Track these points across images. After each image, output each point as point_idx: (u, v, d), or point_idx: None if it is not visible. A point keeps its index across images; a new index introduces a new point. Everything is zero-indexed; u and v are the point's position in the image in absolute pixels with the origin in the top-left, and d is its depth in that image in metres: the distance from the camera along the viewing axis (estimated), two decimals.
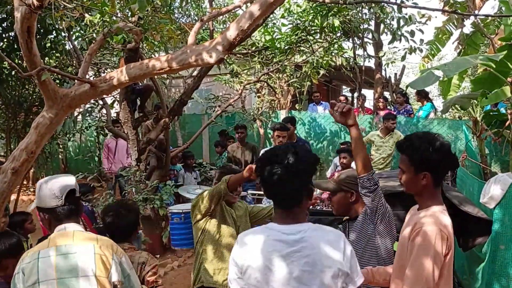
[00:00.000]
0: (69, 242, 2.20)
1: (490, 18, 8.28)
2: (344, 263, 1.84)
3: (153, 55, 9.01)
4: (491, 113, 6.47)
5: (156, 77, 7.24)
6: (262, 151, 6.39)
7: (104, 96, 8.59)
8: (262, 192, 6.59)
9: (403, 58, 8.45)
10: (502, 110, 6.93)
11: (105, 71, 8.60)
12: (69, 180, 2.36)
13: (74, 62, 7.69)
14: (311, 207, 5.18)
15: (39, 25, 6.72)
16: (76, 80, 3.19)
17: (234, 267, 1.94)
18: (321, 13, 8.41)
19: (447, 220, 2.19)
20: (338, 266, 1.83)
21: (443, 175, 2.36)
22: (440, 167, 2.27)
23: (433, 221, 2.15)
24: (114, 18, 4.23)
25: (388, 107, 10.84)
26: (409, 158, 2.29)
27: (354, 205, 2.99)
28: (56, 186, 2.30)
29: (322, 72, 10.41)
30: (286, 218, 1.92)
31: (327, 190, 3.03)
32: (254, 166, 3.06)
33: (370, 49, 11.84)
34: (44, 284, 2.10)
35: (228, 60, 9.68)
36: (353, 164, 6.89)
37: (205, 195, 3.44)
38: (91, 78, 3.16)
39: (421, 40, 8.10)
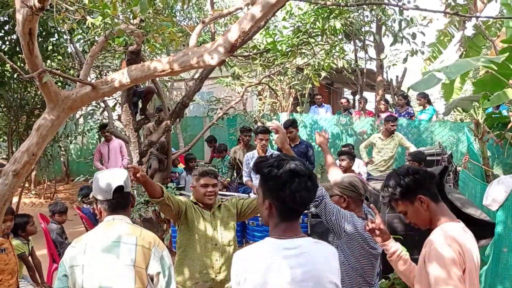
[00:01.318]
0: (114, 232, 2.40)
1: (491, 20, 8.27)
2: (338, 280, 1.86)
3: (154, 58, 9.02)
4: (493, 115, 6.46)
5: (157, 79, 7.24)
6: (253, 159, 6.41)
7: (106, 98, 8.61)
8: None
9: (405, 60, 8.45)
10: (504, 112, 6.93)
11: (107, 73, 8.61)
12: (118, 178, 2.51)
13: (76, 64, 7.71)
14: (312, 209, 5.21)
15: (41, 28, 6.74)
16: (77, 82, 3.19)
17: (235, 285, 1.88)
18: (322, 15, 8.41)
19: (454, 232, 2.17)
20: (335, 281, 1.84)
21: (432, 187, 2.35)
22: (424, 183, 2.31)
23: (440, 237, 2.15)
24: (116, 20, 4.23)
25: (390, 109, 10.83)
26: (398, 198, 2.33)
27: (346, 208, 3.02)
28: (104, 182, 2.49)
29: (323, 74, 10.41)
30: (286, 231, 1.85)
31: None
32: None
33: (372, 52, 11.86)
34: (88, 269, 2.32)
35: (229, 63, 9.69)
36: (354, 167, 6.90)
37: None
38: (93, 81, 3.16)
39: (423, 43, 8.09)
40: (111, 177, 2.51)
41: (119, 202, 2.50)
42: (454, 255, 2.05)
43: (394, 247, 2.49)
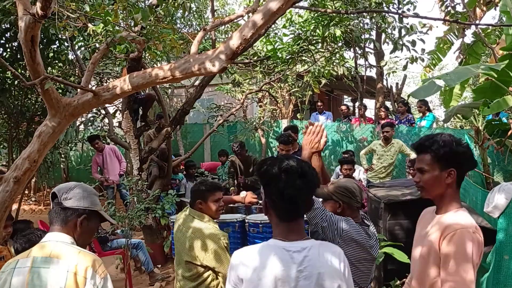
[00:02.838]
0: (47, 255, 2.04)
1: (491, 27, 8.30)
2: (344, 283, 1.84)
3: (155, 65, 9.04)
4: (493, 123, 6.46)
5: (158, 86, 7.25)
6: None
7: (107, 105, 8.62)
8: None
9: (405, 67, 8.47)
10: (504, 119, 6.93)
11: (108, 80, 8.63)
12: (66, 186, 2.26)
13: (77, 71, 7.72)
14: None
15: (42, 35, 6.76)
16: (79, 89, 3.19)
17: (233, 284, 1.84)
18: (322, 23, 8.45)
19: (468, 222, 2.12)
20: (339, 284, 1.82)
21: (465, 172, 2.28)
22: (465, 162, 2.21)
23: (466, 224, 2.08)
24: (117, 27, 4.25)
25: (390, 116, 10.85)
26: (434, 154, 2.20)
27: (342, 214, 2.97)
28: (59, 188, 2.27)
29: (323, 81, 10.45)
30: (289, 232, 1.84)
31: (321, 196, 3.01)
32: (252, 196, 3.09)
33: (372, 59, 11.91)
34: None
35: (230, 70, 9.71)
36: (354, 174, 6.89)
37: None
38: (94, 88, 3.16)
39: (423, 50, 8.12)
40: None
41: (59, 211, 2.16)
42: (479, 246, 2.02)
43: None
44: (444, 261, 2.07)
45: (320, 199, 2.95)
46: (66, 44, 7.21)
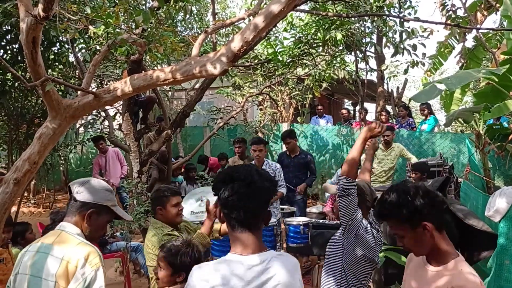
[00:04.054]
0: (50, 241, 2.15)
1: (492, 32, 8.31)
2: None
3: (156, 67, 9.05)
4: (494, 127, 6.46)
5: (158, 89, 7.25)
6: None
7: (107, 107, 8.62)
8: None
9: (406, 71, 8.47)
10: (505, 124, 6.92)
11: (108, 83, 8.63)
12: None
13: (77, 74, 7.72)
14: (313, 220, 5.19)
15: (43, 37, 6.74)
16: (79, 91, 3.19)
17: None
18: (323, 26, 8.45)
19: (476, 276, 1.97)
20: None
21: (440, 217, 2.10)
22: (432, 211, 2.04)
23: (472, 277, 1.94)
24: (118, 30, 4.25)
25: (391, 120, 10.84)
26: (397, 218, 2.07)
27: None
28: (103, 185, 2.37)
29: (324, 85, 10.45)
30: (245, 246, 1.78)
31: (333, 193, 3.12)
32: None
33: (372, 63, 11.89)
34: (19, 277, 2.12)
35: (230, 73, 9.71)
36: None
37: None
38: (94, 90, 3.16)
39: (423, 54, 8.12)
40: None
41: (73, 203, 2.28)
42: None
43: None
44: None
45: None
46: (66, 46, 7.20)
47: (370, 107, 15.96)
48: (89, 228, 2.25)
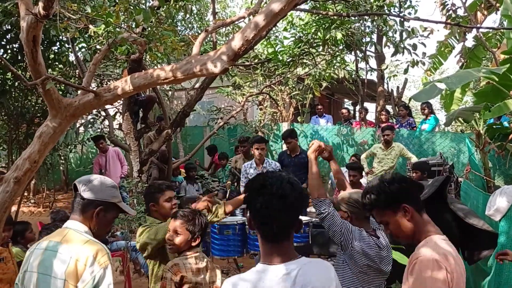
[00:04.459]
0: (59, 240, 2.16)
1: (492, 31, 8.31)
2: None
3: (156, 67, 9.04)
4: (494, 126, 6.46)
5: (159, 88, 7.25)
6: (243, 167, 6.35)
7: (107, 107, 8.62)
8: None
9: (406, 71, 8.46)
10: (505, 123, 6.92)
11: (108, 82, 8.62)
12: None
13: (77, 73, 7.72)
14: (313, 219, 5.18)
15: (43, 36, 6.75)
16: (79, 90, 3.18)
17: None
18: (323, 26, 8.46)
19: (445, 248, 2.04)
20: None
21: (418, 199, 2.21)
22: (406, 192, 2.17)
23: (429, 250, 2.01)
24: (119, 29, 4.24)
25: (391, 120, 10.84)
26: (378, 207, 2.21)
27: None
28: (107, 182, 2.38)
29: (324, 84, 10.43)
30: (278, 255, 1.75)
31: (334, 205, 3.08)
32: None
33: (373, 62, 11.89)
34: (28, 274, 2.13)
35: (230, 72, 9.71)
36: (361, 180, 6.88)
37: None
38: (94, 89, 3.17)
39: (424, 54, 8.11)
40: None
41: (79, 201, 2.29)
42: (444, 274, 1.92)
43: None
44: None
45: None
46: (67, 45, 7.20)
47: (370, 106, 15.93)
48: (97, 225, 2.27)
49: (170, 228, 2.92)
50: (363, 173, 8.12)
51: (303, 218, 5.41)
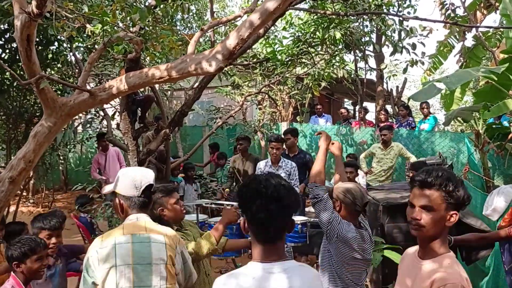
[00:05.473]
0: (143, 231, 2.43)
1: (491, 31, 8.30)
2: None
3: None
4: (494, 126, 6.44)
5: (157, 88, 7.23)
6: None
7: (105, 106, 8.60)
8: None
9: (405, 70, 8.45)
10: (505, 123, 6.91)
11: (106, 82, 8.60)
12: (149, 175, 2.57)
13: (75, 72, 7.70)
14: (311, 219, 5.16)
15: (41, 36, 6.74)
16: (75, 90, 3.17)
17: None
18: (322, 25, 8.44)
19: (464, 272, 1.97)
20: None
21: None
22: (463, 206, 2.02)
23: (456, 276, 1.91)
24: (115, 28, 4.23)
25: (390, 119, 10.83)
26: (445, 194, 1.97)
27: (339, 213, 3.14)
28: (138, 177, 2.52)
29: (323, 84, 10.42)
30: (269, 255, 1.79)
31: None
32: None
33: (372, 62, 11.88)
34: (120, 268, 2.32)
35: (229, 72, 9.69)
36: (357, 178, 6.91)
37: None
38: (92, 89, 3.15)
39: (423, 53, 8.10)
40: (142, 174, 2.55)
41: (145, 201, 2.53)
42: None
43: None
44: None
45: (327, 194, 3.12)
46: (65, 45, 7.19)
47: (370, 106, 15.91)
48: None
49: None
50: (363, 173, 8.13)
51: (302, 218, 5.39)
